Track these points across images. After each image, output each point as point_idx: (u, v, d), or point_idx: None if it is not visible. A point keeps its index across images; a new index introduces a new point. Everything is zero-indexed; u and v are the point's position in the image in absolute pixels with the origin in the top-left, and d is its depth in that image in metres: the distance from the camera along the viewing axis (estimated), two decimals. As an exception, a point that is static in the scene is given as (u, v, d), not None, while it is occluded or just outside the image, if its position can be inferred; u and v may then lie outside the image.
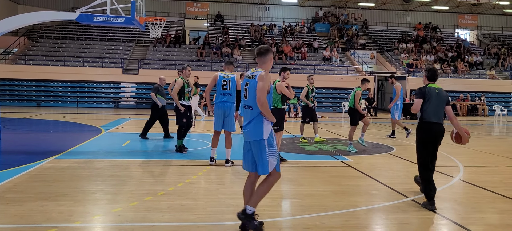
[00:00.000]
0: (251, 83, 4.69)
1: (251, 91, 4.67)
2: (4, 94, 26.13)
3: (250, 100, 4.70)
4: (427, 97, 5.86)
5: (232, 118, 8.29)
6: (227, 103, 8.29)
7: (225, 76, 8.34)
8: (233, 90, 8.31)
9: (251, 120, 4.69)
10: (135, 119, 18.94)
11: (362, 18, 38.89)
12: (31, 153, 9.42)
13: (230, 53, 29.74)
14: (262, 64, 4.81)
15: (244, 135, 4.81)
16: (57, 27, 31.87)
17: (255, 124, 4.66)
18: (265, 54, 4.81)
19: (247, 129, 4.73)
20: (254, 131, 4.65)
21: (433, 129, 5.85)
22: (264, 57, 4.81)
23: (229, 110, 8.29)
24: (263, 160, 4.61)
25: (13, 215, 5.05)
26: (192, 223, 4.97)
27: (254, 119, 4.66)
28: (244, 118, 4.84)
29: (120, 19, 10.96)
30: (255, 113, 4.66)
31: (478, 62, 33.00)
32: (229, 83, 8.29)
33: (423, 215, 5.54)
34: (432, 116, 5.85)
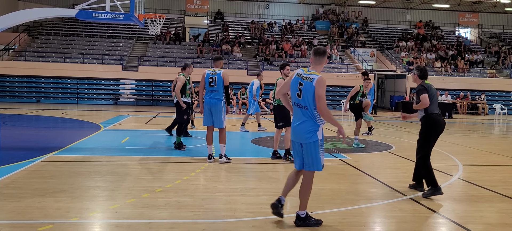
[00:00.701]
0: (306, 85, 4.70)
1: (305, 93, 4.69)
2: (4, 90, 26.13)
3: (304, 100, 4.72)
4: (430, 91, 6.29)
5: (219, 114, 8.21)
6: (213, 100, 8.23)
7: (211, 73, 8.29)
8: (220, 87, 8.19)
9: (304, 121, 4.73)
10: (135, 116, 18.93)
11: (363, 16, 38.84)
12: (30, 149, 9.42)
13: (230, 51, 29.71)
14: (318, 65, 4.86)
15: (294, 135, 4.85)
16: (57, 23, 31.84)
17: (309, 125, 4.70)
18: (323, 55, 4.88)
19: (298, 129, 4.77)
20: (308, 133, 4.71)
21: (440, 120, 6.32)
22: (321, 58, 4.88)
23: (216, 107, 8.22)
24: (317, 159, 4.74)
25: (11, 211, 5.05)
26: (190, 220, 4.96)
27: (308, 120, 4.71)
28: (295, 117, 4.86)
29: (120, 15, 10.95)
30: (309, 115, 4.71)
31: (479, 60, 32.97)
32: (215, 80, 8.20)
33: (422, 213, 5.53)
34: (435, 108, 6.32)
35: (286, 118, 8.61)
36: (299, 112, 4.78)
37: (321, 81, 4.65)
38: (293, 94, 4.84)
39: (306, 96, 4.69)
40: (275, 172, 7.83)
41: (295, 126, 4.83)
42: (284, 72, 8.81)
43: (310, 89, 4.65)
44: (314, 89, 4.63)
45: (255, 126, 15.18)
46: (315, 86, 4.62)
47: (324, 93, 4.64)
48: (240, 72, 27.27)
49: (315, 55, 4.88)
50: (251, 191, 6.30)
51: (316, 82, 4.64)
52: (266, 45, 30.55)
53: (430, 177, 6.25)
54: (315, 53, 4.89)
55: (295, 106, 4.84)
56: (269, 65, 28.84)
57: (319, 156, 4.73)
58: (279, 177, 7.49)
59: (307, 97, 4.68)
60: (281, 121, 8.60)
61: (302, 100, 4.73)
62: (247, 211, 5.35)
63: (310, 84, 4.66)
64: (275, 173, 7.76)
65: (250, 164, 8.42)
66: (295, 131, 4.81)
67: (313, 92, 4.63)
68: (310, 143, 4.70)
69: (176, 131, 10.05)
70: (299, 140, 4.80)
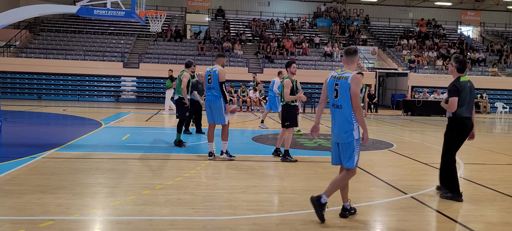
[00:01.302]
0: (342, 84, 4.84)
1: (342, 92, 4.84)
2: (6, 87, 26.15)
3: (340, 100, 4.87)
4: (462, 92, 5.84)
5: (218, 111, 8.18)
6: (210, 97, 8.24)
7: (209, 70, 8.28)
8: (216, 84, 8.13)
9: (341, 120, 4.88)
10: (135, 113, 18.93)
11: (364, 13, 38.77)
12: (31, 146, 9.42)
13: (231, 48, 29.68)
14: (350, 64, 5.02)
15: (333, 135, 5.03)
16: (58, 20, 31.83)
17: (345, 125, 4.84)
18: (354, 55, 5.03)
19: (337, 129, 4.93)
20: (345, 132, 4.86)
21: (467, 124, 5.96)
22: (353, 58, 5.03)
23: (214, 104, 8.20)
24: (351, 157, 4.91)
25: (11, 207, 5.05)
26: (190, 217, 4.96)
27: (344, 120, 4.85)
28: (334, 117, 4.99)
29: (121, 12, 10.93)
30: (345, 114, 4.84)
31: (481, 59, 32.89)
32: (212, 77, 8.19)
33: (423, 212, 5.52)
34: (465, 111, 5.91)
35: (293, 118, 8.55)
36: (335, 112, 4.96)
37: (356, 79, 4.81)
38: (330, 96, 5.01)
39: (342, 95, 4.84)
40: (275, 169, 7.82)
41: (332, 126, 5.02)
42: (290, 70, 8.64)
43: (346, 87, 4.80)
44: (349, 86, 4.78)
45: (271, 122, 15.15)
46: (350, 84, 4.78)
47: (358, 91, 4.81)
48: (241, 69, 27.26)
49: (347, 55, 5.05)
50: (251, 189, 6.30)
51: (351, 80, 4.79)
52: (267, 43, 30.52)
53: (453, 182, 5.99)
54: (346, 53, 5.05)
55: (333, 108, 5.00)
56: (270, 63, 28.82)
57: (354, 155, 4.90)
58: (280, 175, 7.48)
59: (343, 95, 4.83)
60: (288, 121, 8.53)
61: (338, 100, 4.89)
62: (248, 208, 5.34)
63: (345, 82, 4.82)
64: (276, 170, 7.75)
65: (250, 162, 8.42)
66: (333, 130, 5.01)
67: (348, 90, 4.78)
68: (347, 142, 4.87)
69: (177, 127, 10.03)
70: (336, 140, 4.99)
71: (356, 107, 4.79)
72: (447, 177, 6.04)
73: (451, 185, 5.99)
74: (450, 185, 6.00)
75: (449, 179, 6.02)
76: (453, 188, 5.97)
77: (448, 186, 6.03)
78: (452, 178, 5.99)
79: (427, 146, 11.83)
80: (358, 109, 4.80)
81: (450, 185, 6.00)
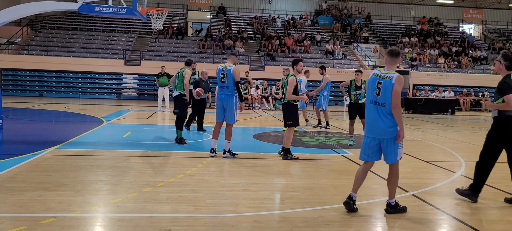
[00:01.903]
0: (385, 83, 5.03)
1: (384, 90, 5.04)
2: (7, 84, 26.18)
3: (382, 98, 5.06)
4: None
5: (230, 110, 8.23)
6: (224, 96, 8.27)
7: (223, 69, 8.29)
8: (230, 83, 8.18)
9: (382, 118, 5.07)
10: (137, 110, 18.94)
11: (366, 11, 38.70)
12: (33, 143, 9.43)
13: (232, 46, 29.67)
14: (392, 65, 5.21)
15: (371, 132, 5.17)
16: (60, 17, 31.85)
17: (389, 121, 5.04)
18: (397, 56, 5.23)
19: (378, 126, 5.10)
20: (390, 128, 5.05)
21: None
22: (395, 59, 5.21)
23: (227, 103, 8.24)
24: (396, 151, 5.10)
25: (13, 204, 5.06)
26: (191, 215, 4.96)
27: (386, 117, 5.04)
28: (371, 115, 5.17)
29: (122, 9, 10.94)
30: (386, 112, 5.04)
31: (483, 57, 32.83)
32: (226, 76, 8.21)
33: (424, 209, 5.52)
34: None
35: (295, 117, 8.49)
36: (376, 110, 5.12)
37: (400, 79, 5.01)
38: (371, 93, 5.18)
39: (385, 94, 5.03)
40: (276, 167, 7.82)
41: (371, 122, 5.17)
42: (297, 68, 8.54)
43: (390, 86, 4.99)
44: (393, 86, 4.97)
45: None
46: (394, 84, 4.98)
47: (400, 90, 5.03)
48: (242, 67, 27.18)
49: (390, 56, 5.22)
50: (252, 186, 6.30)
51: (396, 80, 4.99)
52: (268, 41, 30.49)
53: (478, 181, 5.82)
54: (389, 54, 5.23)
55: (372, 104, 5.17)
56: (271, 61, 28.80)
57: (398, 149, 5.12)
58: (281, 172, 7.49)
59: (386, 94, 5.02)
60: (290, 120, 8.47)
61: (380, 98, 5.07)
62: (249, 206, 5.35)
63: (389, 82, 5.00)
64: (277, 168, 7.75)
65: (252, 159, 8.42)
66: (373, 127, 5.14)
67: (392, 89, 4.99)
68: (392, 138, 5.06)
69: (176, 125, 10.02)
70: (379, 136, 5.13)
71: (396, 106, 5.00)
72: (477, 176, 5.90)
73: (476, 183, 5.85)
74: (475, 184, 5.86)
75: (477, 178, 5.87)
76: (475, 188, 5.83)
77: (474, 183, 5.88)
78: (480, 179, 5.85)
79: (429, 144, 11.81)
80: (397, 108, 5.01)
81: (475, 183, 5.86)
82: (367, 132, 5.23)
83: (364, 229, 4.75)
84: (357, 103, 10.48)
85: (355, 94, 10.52)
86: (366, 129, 5.27)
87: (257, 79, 26.08)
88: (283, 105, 8.69)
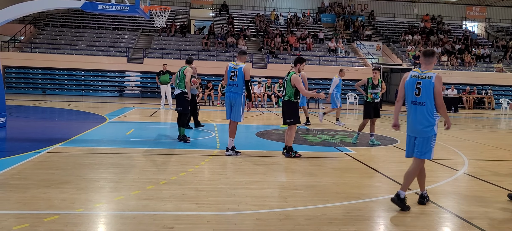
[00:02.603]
0: (425, 82, 5.22)
1: (424, 90, 5.22)
2: (11, 82, 26.25)
3: (422, 97, 5.24)
4: None
5: (238, 108, 8.33)
6: (233, 94, 8.36)
7: (233, 67, 8.41)
8: (240, 81, 8.30)
9: (421, 117, 5.25)
10: (140, 108, 18.97)
11: (369, 9, 38.60)
12: (36, 140, 9.46)
13: (235, 44, 29.65)
14: (428, 65, 5.37)
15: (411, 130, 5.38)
16: (63, 15, 31.89)
17: (427, 120, 5.23)
18: (432, 56, 5.39)
19: (416, 125, 5.29)
20: (427, 127, 5.24)
21: None
22: (431, 59, 5.38)
23: (235, 101, 8.34)
24: (430, 149, 5.31)
25: (16, 202, 5.08)
26: (194, 212, 4.97)
27: (425, 116, 5.23)
28: (414, 114, 5.33)
29: (125, 7, 10.96)
30: (428, 110, 5.22)
31: (486, 55, 32.71)
32: (236, 74, 8.32)
33: (426, 208, 5.51)
34: None
35: (295, 115, 8.45)
36: (416, 109, 5.30)
37: (440, 79, 5.19)
38: (411, 93, 5.35)
39: (424, 93, 5.21)
40: (279, 165, 7.82)
41: (413, 122, 5.34)
42: (299, 67, 8.52)
43: (430, 86, 5.18)
44: (433, 85, 5.16)
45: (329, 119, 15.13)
46: (435, 83, 5.16)
47: (441, 89, 5.20)
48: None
49: (425, 57, 5.39)
50: (255, 184, 6.30)
51: (435, 79, 5.18)
52: (271, 38, 30.47)
53: None
54: (425, 55, 5.41)
55: (412, 104, 5.34)
56: (274, 58, 28.77)
57: (432, 147, 5.30)
58: (284, 170, 7.49)
59: (426, 94, 5.20)
60: (291, 118, 8.45)
61: (420, 98, 5.25)
62: (251, 204, 5.35)
63: (429, 81, 5.19)
64: (280, 166, 7.75)
65: (254, 157, 8.42)
66: (413, 126, 5.34)
67: (433, 89, 5.16)
68: (428, 137, 5.25)
69: (178, 122, 10.04)
70: (416, 134, 5.33)
71: (440, 105, 5.18)
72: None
73: None
74: None
75: None
76: None
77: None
78: None
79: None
80: (442, 107, 5.19)
81: None
82: (410, 131, 5.43)
83: (366, 227, 4.75)
84: (373, 102, 10.37)
85: (372, 93, 10.39)
86: (408, 128, 5.45)
87: (259, 77, 26.07)
88: (283, 103, 8.63)
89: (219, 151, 8.86)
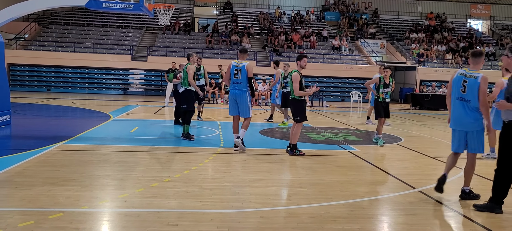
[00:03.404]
0: (471, 82, 5.50)
1: (470, 88, 5.50)
2: (15, 79, 26.35)
3: (468, 95, 5.53)
4: None
5: (245, 105, 8.59)
6: (238, 91, 8.60)
7: (236, 65, 8.62)
8: (244, 79, 8.55)
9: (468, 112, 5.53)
10: (144, 106, 19.01)
11: (373, 7, 38.48)
12: (41, 138, 9.50)
13: (238, 41, 29.65)
14: (476, 65, 5.65)
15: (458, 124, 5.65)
16: (67, 13, 31.97)
17: (474, 116, 5.50)
18: (480, 56, 5.66)
19: (464, 120, 5.57)
20: (475, 121, 5.51)
21: None
22: (479, 59, 5.65)
23: (240, 98, 8.59)
24: (481, 143, 5.61)
25: (21, 199, 5.11)
26: (198, 210, 4.99)
27: (471, 112, 5.51)
28: (457, 110, 5.64)
29: (129, 5, 10.99)
30: (472, 107, 5.49)
31: (490, 53, 32.56)
32: (240, 72, 8.54)
33: (430, 206, 5.51)
34: None
35: (302, 113, 8.42)
36: (462, 105, 5.59)
37: (485, 79, 5.44)
38: (457, 90, 5.63)
39: (470, 91, 5.49)
40: (283, 163, 7.83)
41: (457, 117, 5.65)
42: (300, 63, 8.48)
43: (475, 86, 5.45)
44: (479, 85, 5.43)
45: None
46: (480, 83, 5.43)
47: (486, 89, 5.45)
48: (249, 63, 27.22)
49: (473, 57, 5.67)
50: (259, 182, 6.31)
51: (481, 80, 5.44)
52: (275, 36, 30.44)
53: (500, 191, 5.22)
54: (473, 55, 5.69)
55: (458, 100, 5.63)
56: (278, 56, 28.74)
57: (483, 141, 5.57)
58: (287, 168, 7.49)
59: (471, 92, 5.48)
60: (298, 115, 8.41)
61: (466, 95, 5.54)
62: (255, 201, 5.36)
63: (475, 81, 5.46)
64: (283, 164, 7.75)
65: (258, 155, 8.43)
66: (459, 121, 5.63)
67: (478, 88, 5.43)
68: (477, 130, 5.54)
69: (184, 120, 10.05)
70: (464, 128, 5.61)
71: (484, 103, 5.41)
72: (496, 185, 5.29)
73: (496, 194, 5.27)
74: (495, 195, 5.27)
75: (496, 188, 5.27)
76: (496, 199, 5.25)
77: (494, 195, 5.29)
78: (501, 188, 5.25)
79: (436, 140, 11.76)
80: (485, 106, 5.43)
81: (496, 195, 5.27)
82: (454, 125, 5.69)
83: (370, 225, 4.75)
84: (384, 102, 10.19)
85: (383, 92, 10.20)
86: (452, 123, 5.72)
87: (263, 75, 26.06)
88: (290, 102, 8.62)
89: (223, 148, 8.88)
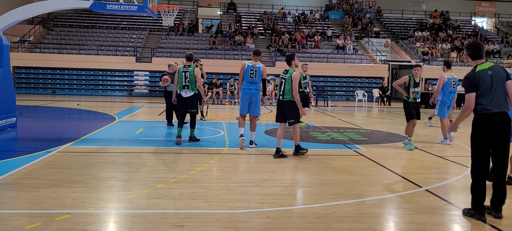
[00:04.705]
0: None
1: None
2: (20, 82, 26.49)
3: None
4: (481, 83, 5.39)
5: (257, 104, 8.98)
6: (253, 91, 8.97)
7: (252, 66, 8.97)
8: (259, 79, 8.96)
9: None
10: (148, 107, 19.05)
11: (377, 5, 38.40)
12: (46, 140, 9.54)
13: (242, 42, 29.66)
14: None
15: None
16: (72, 15, 32.11)
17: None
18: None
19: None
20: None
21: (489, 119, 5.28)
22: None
23: (256, 97, 8.99)
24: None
25: (28, 201, 5.12)
26: (204, 210, 4.99)
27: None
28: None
29: (133, 7, 11.00)
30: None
31: (495, 50, 32.38)
32: (256, 73, 8.93)
33: (437, 205, 5.48)
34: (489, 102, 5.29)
35: (297, 115, 8.36)
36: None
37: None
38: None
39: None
40: (288, 163, 7.81)
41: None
42: (294, 63, 8.48)
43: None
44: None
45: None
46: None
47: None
48: (252, 63, 27.22)
49: None
50: (265, 182, 6.30)
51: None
52: (279, 36, 30.42)
53: (475, 198, 4.97)
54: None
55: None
56: (282, 56, 28.72)
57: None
58: (293, 168, 7.48)
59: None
60: (292, 118, 8.34)
61: None
62: (262, 202, 5.35)
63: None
64: (289, 164, 7.74)
65: (264, 155, 8.42)
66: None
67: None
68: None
69: (190, 123, 10.02)
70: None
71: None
72: (472, 191, 5.03)
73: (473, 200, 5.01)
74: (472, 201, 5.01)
75: (472, 194, 5.02)
76: (473, 204, 4.99)
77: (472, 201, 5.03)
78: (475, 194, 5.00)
79: (441, 138, 11.68)
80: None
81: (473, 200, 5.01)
82: None
83: (376, 225, 4.73)
84: (415, 102, 9.74)
85: (414, 92, 9.68)
86: None
87: (268, 75, 26.03)
88: (285, 103, 8.32)
89: (228, 149, 8.88)
